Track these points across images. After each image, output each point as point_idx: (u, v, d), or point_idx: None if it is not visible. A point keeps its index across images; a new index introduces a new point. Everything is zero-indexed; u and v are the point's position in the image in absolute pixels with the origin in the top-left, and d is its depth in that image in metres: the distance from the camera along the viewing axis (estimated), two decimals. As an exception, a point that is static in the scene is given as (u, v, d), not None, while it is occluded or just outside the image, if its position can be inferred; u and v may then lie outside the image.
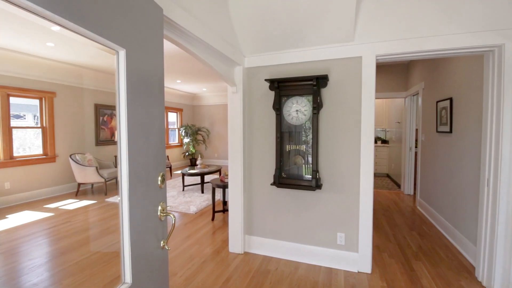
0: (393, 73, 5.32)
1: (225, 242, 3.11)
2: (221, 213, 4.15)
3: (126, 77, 1.06)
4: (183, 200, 4.89)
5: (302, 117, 2.47)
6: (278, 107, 2.50)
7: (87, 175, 5.57)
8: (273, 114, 2.66)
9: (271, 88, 2.56)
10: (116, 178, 6.06)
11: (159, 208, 1.30)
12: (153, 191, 1.26)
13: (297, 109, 2.48)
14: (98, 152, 6.71)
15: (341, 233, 2.47)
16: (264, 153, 2.74)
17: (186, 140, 9.18)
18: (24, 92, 5.13)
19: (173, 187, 5.99)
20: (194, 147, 9.27)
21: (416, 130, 5.40)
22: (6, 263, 2.67)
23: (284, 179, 2.53)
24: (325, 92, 2.48)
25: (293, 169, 2.54)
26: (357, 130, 2.39)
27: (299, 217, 2.62)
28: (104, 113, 6.90)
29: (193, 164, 9.43)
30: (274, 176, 2.55)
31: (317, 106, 2.36)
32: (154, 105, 1.24)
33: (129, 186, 1.07)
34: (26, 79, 5.37)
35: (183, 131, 9.13)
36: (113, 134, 7.17)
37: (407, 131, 5.16)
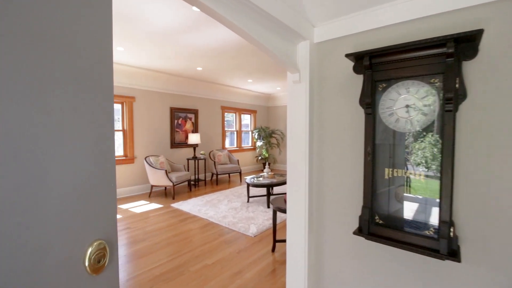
0: None
1: (284, 294, 2.22)
2: (284, 243, 3.27)
3: None
4: (245, 215, 4.23)
5: (418, 119, 1.34)
6: (369, 101, 1.44)
7: (158, 178, 5.60)
8: (360, 113, 1.60)
9: (357, 69, 1.52)
10: (186, 181, 5.99)
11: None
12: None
13: (408, 103, 1.36)
14: (172, 155, 6.86)
15: None
16: (342, 179, 1.71)
17: (259, 143, 8.69)
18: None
19: (238, 196, 5.46)
20: (267, 150, 8.67)
21: None
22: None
23: (380, 227, 1.44)
24: (471, 69, 1.27)
25: (398, 211, 1.43)
26: (555, 145, 1.10)
27: (406, 295, 1.48)
28: (179, 116, 7.04)
29: (265, 169, 8.87)
30: (361, 219, 1.49)
31: (453, 97, 1.20)
32: (76, 93, 0.51)
33: None
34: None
35: (256, 134, 8.66)
36: (187, 137, 7.27)
37: None
